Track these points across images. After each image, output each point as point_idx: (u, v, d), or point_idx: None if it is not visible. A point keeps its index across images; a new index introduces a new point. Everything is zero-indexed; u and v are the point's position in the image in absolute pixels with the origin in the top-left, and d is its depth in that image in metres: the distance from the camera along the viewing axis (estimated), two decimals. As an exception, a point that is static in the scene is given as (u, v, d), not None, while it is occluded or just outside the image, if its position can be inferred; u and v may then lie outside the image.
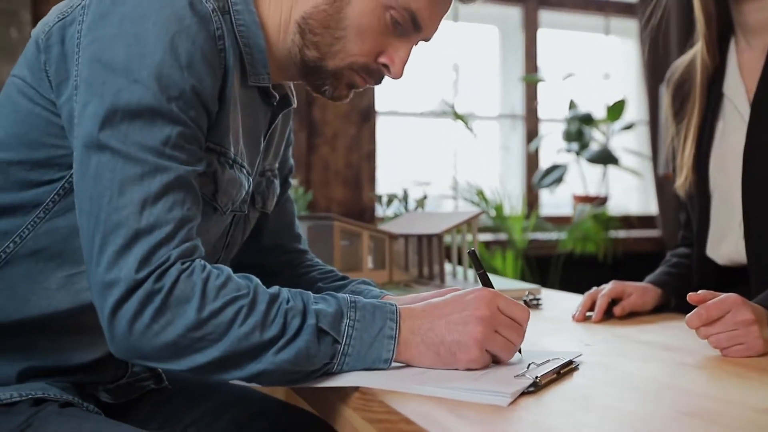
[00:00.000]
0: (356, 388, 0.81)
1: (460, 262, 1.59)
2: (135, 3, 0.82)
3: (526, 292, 1.36)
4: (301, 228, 1.59)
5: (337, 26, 0.94)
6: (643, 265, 1.45)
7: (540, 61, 3.48)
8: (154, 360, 0.79)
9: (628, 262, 3.19)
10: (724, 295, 0.97)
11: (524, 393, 0.77)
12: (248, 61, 0.95)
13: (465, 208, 3.15)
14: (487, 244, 2.94)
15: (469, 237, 1.56)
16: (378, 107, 3.23)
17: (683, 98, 1.41)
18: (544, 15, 3.49)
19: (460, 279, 1.57)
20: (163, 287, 0.76)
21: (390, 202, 1.86)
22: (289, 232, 1.21)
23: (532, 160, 3.46)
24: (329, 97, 0.99)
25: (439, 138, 3.42)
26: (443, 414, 0.71)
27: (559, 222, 3.30)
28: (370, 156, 3.21)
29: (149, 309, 0.76)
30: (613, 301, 1.25)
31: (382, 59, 0.96)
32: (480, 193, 2.83)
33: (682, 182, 1.38)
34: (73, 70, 0.85)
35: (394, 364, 0.84)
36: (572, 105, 3.25)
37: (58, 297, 0.89)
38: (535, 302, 1.36)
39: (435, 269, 1.54)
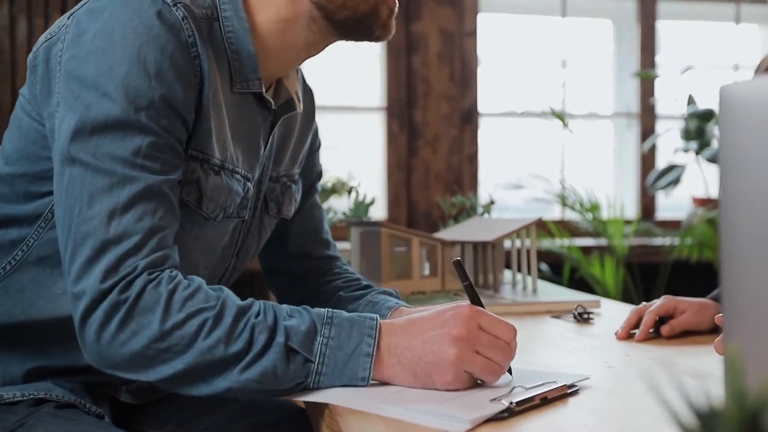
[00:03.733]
0: (327, 404, 0.78)
1: (519, 270, 1.52)
2: (106, 18, 0.84)
3: (576, 305, 1.27)
4: (353, 234, 1.58)
5: None
6: None
7: (659, 56, 3.26)
8: (124, 369, 0.80)
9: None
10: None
11: (495, 420, 0.72)
12: (235, 67, 0.94)
13: (568, 212, 3.02)
14: (585, 250, 2.78)
15: (527, 243, 1.48)
16: (481, 108, 3.17)
17: None
18: (663, 6, 3.27)
19: (519, 289, 1.50)
20: (129, 297, 0.77)
21: (455, 206, 1.80)
22: (315, 238, 1.19)
23: (647, 160, 3.25)
24: (382, 35, 0.97)
25: (547, 139, 3.29)
26: (385, 439, 0.67)
27: (671, 227, 3.06)
28: (472, 158, 3.15)
29: (115, 319, 0.77)
30: (664, 320, 1.14)
31: None
32: (574, 194, 2.69)
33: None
34: (55, 87, 0.88)
35: (373, 381, 0.81)
36: (690, 101, 3.02)
37: (63, 301, 0.92)
38: (585, 316, 1.26)
39: (490, 278, 1.48)
